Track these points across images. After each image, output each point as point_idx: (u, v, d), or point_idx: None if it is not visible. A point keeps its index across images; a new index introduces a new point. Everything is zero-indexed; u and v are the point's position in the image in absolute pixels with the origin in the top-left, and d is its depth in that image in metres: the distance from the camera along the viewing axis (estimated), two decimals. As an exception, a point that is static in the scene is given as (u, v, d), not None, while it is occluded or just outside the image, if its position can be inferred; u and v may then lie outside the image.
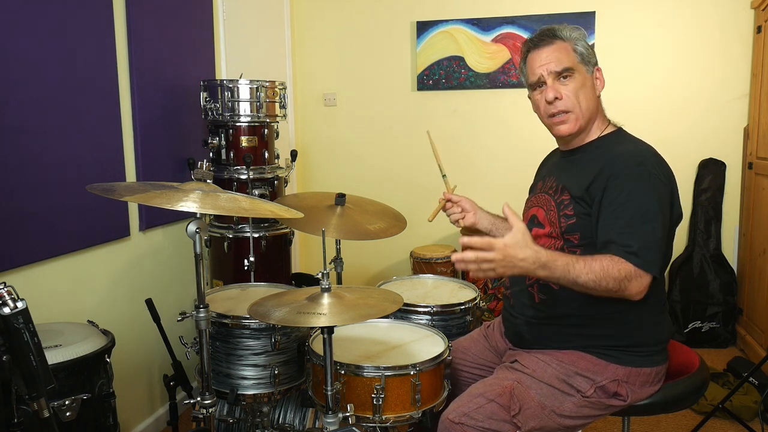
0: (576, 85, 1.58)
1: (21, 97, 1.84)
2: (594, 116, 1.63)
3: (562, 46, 1.59)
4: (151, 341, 2.41)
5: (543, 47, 1.60)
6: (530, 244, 1.33)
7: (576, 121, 1.59)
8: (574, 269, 1.37)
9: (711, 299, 3.38)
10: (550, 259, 1.36)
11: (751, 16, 3.37)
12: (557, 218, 1.60)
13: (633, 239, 1.42)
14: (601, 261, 1.39)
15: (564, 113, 1.59)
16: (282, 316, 1.50)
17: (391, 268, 3.97)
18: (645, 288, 1.43)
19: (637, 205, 1.46)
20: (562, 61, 1.57)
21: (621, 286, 1.40)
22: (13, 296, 1.07)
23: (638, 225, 1.44)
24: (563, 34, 1.60)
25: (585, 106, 1.59)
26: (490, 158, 3.77)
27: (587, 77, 1.60)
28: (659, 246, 1.45)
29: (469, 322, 2.08)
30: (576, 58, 1.59)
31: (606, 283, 1.38)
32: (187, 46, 2.69)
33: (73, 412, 1.47)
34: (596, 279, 1.38)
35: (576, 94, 1.58)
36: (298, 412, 2.02)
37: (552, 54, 1.58)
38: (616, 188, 1.48)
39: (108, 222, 2.23)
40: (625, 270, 1.39)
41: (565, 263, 1.37)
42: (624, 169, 1.49)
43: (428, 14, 3.73)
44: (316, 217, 2.07)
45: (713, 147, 3.49)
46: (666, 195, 1.49)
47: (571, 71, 1.58)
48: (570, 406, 1.53)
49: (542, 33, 1.61)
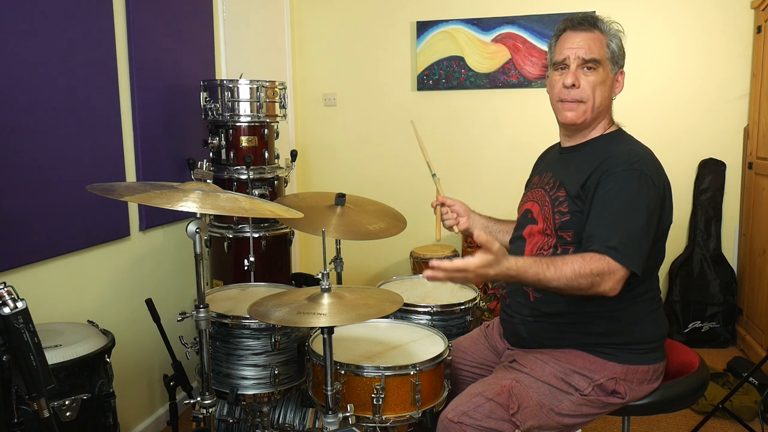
0: (597, 78, 1.57)
1: (21, 97, 1.84)
2: (603, 115, 1.63)
3: (598, 36, 1.58)
4: (151, 341, 2.41)
5: (580, 31, 1.59)
6: (502, 261, 1.35)
7: (584, 113, 1.59)
8: (546, 277, 1.38)
9: (711, 299, 3.38)
10: (520, 272, 1.38)
11: (751, 16, 3.37)
12: (551, 214, 1.60)
13: (614, 233, 1.42)
14: (572, 264, 1.39)
15: (576, 102, 1.59)
16: (282, 316, 1.50)
17: (391, 268, 3.97)
18: (619, 282, 1.41)
19: (624, 201, 1.46)
20: (593, 50, 1.57)
21: (593, 282, 1.39)
22: (13, 296, 1.07)
23: (622, 220, 1.44)
24: (604, 25, 1.60)
25: (599, 102, 1.59)
26: (489, 158, 3.77)
27: (610, 75, 1.60)
28: (641, 242, 1.44)
29: (469, 322, 2.08)
30: (607, 54, 1.58)
31: (578, 284, 1.39)
32: (187, 46, 2.69)
33: (73, 412, 1.47)
34: (568, 282, 1.38)
35: (594, 87, 1.57)
36: (298, 412, 2.02)
37: (586, 41, 1.57)
38: (607, 184, 1.49)
39: (108, 222, 2.23)
40: (597, 267, 1.39)
41: (536, 273, 1.38)
42: (617, 167, 1.50)
43: (428, 14, 3.73)
44: (316, 217, 2.07)
45: (713, 147, 3.49)
46: (655, 196, 1.48)
47: (598, 64, 1.57)
48: (568, 405, 1.53)
49: (584, 17, 1.60)
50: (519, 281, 1.42)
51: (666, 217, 1.54)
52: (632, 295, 1.55)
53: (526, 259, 1.41)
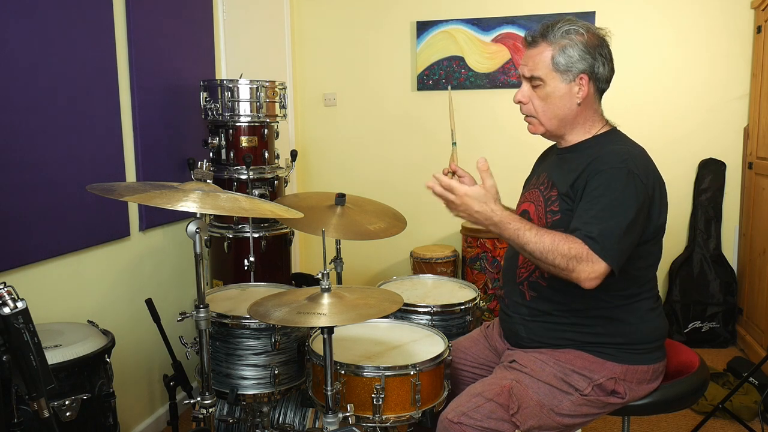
0: (542, 94, 1.59)
1: (21, 97, 1.84)
2: (569, 123, 1.62)
3: (542, 50, 1.57)
4: (151, 341, 2.41)
5: (528, 47, 1.61)
6: (489, 202, 1.45)
7: (538, 126, 1.64)
8: (524, 236, 1.43)
9: (711, 299, 3.38)
10: (503, 221, 1.45)
11: (751, 16, 3.37)
12: (544, 214, 1.61)
13: (596, 227, 1.42)
14: (553, 236, 1.41)
15: (527, 117, 1.65)
16: (282, 316, 1.50)
17: (391, 268, 3.97)
18: (597, 277, 1.39)
19: (609, 198, 1.45)
20: (533, 68, 1.58)
21: (569, 265, 1.38)
22: (13, 296, 1.07)
23: (606, 217, 1.43)
24: (552, 36, 1.57)
25: (550, 115, 1.60)
26: (490, 158, 3.69)
27: (560, 86, 1.57)
28: (621, 239, 1.42)
29: (469, 322, 2.08)
30: (551, 67, 1.56)
31: (553, 258, 1.39)
32: (187, 46, 2.69)
33: (73, 412, 1.47)
34: (543, 251, 1.40)
35: (540, 102, 1.60)
36: (298, 412, 2.02)
37: (530, 58, 1.60)
38: (595, 182, 1.49)
39: (108, 222, 2.23)
40: (575, 250, 1.38)
41: (516, 228, 1.44)
42: (605, 165, 1.50)
43: (428, 14, 3.73)
44: (316, 217, 2.07)
45: (713, 147, 3.49)
46: (642, 194, 1.47)
47: (539, 81, 1.58)
48: (568, 405, 1.53)
49: (537, 31, 1.61)
50: (498, 230, 1.46)
51: (657, 216, 1.53)
52: (631, 294, 1.55)
53: (513, 214, 1.47)
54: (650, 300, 1.60)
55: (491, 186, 1.46)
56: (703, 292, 3.40)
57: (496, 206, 1.46)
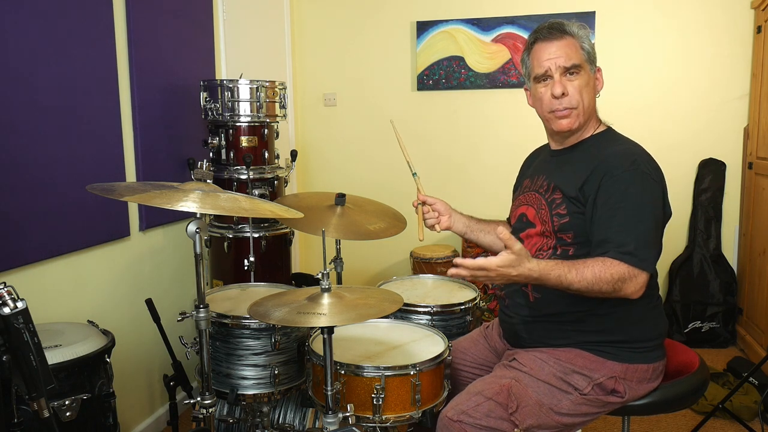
0: (581, 82, 1.59)
1: (21, 98, 1.84)
2: (592, 115, 1.65)
3: (571, 42, 1.59)
4: (151, 341, 2.41)
5: (552, 40, 1.59)
6: (523, 263, 1.37)
7: (577, 118, 1.61)
8: (567, 279, 1.41)
9: (711, 299, 3.38)
10: (543, 275, 1.41)
11: (751, 16, 3.37)
12: (549, 217, 1.61)
13: (629, 238, 1.44)
14: (592, 268, 1.42)
15: (568, 110, 1.59)
16: (282, 316, 1.50)
17: (391, 268, 3.97)
18: (642, 286, 1.45)
19: (632, 204, 1.47)
20: (571, 56, 1.57)
21: (615, 287, 1.42)
22: (13, 296, 1.07)
23: (633, 224, 1.46)
24: (572, 30, 1.60)
25: (587, 104, 1.61)
26: (489, 158, 3.77)
27: (591, 76, 1.62)
28: (654, 243, 1.47)
29: (469, 322, 2.08)
30: (583, 56, 1.59)
31: (599, 288, 1.42)
32: (187, 46, 2.70)
33: (73, 412, 1.47)
34: (588, 285, 1.42)
35: (581, 91, 1.59)
36: (298, 412, 2.02)
37: (561, 49, 1.58)
38: (610, 188, 1.50)
39: (108, 222, 2.23)
40: (618, 273, 1.42)
41: (558, 275, 1.41)
42: (617, 169, 1.51)
43: (428, 14, 3.73)
44: (316, 217, 2.07)
45: (713, 147, 3.49)
46: (658, 193, 1.52)
47: (579, 68, 1.58)
48: (568, 404, 1.53)
49: (552, 26, 1.60)
50: (541, 283, 1.43)
51: (667, 206, 1.56)
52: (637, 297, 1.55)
53: (548, 262, 1.44)
54: (652, 298, 1.60)
55: (520, 249, 1.36)
56: (703, 292, 3.40)
57: (531, 264, 1.39)
